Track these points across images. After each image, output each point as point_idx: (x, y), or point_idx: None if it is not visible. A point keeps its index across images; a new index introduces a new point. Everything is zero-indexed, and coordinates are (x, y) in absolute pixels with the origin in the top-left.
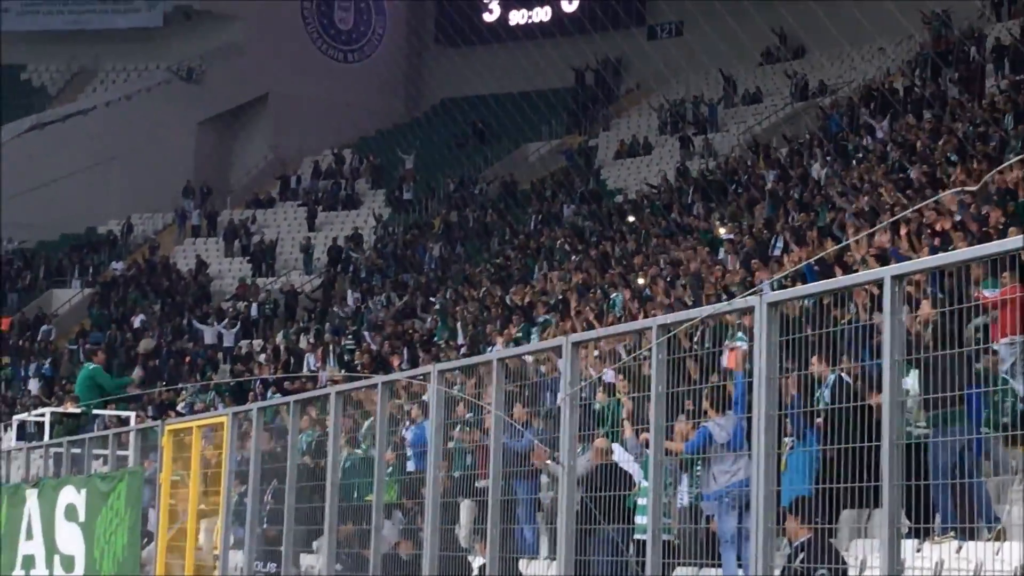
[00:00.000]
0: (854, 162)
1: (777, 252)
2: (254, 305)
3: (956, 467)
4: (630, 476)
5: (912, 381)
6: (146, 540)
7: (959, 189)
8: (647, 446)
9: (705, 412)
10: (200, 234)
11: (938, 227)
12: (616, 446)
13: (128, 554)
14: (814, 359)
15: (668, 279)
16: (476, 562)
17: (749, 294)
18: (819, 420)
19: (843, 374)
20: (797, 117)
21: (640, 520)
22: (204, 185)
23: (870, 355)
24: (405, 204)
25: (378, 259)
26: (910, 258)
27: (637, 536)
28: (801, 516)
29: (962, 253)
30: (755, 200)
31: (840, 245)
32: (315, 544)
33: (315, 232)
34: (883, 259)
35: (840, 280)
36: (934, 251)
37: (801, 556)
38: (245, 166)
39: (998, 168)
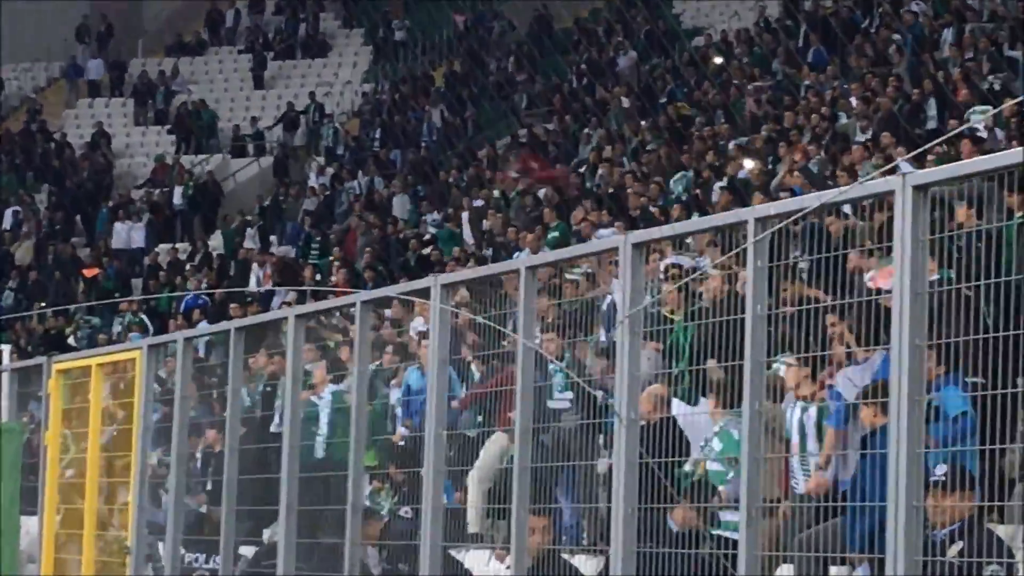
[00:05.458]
0: None
1: (931, 122)
2: (177, 192)
3: None
4: (687, 443)
5: None
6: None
7: None
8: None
9: (848, 347)
10: (100, 93)
11: None
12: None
13: (4, 543)
14: None
15: (769, 159)
16: (492, 568)
17: (884, 171)
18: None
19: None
20: None
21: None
22: (105, 24)
23: None
24: (393, 49)
25: (355, 128)
26: None
27: (722, 533)
28: (947, 490)
29: None
30: (891, 44)
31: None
32: (266, 532)
33: (264, 90)
34: None
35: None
36: None
37: (960, 546)
38: None
39: None
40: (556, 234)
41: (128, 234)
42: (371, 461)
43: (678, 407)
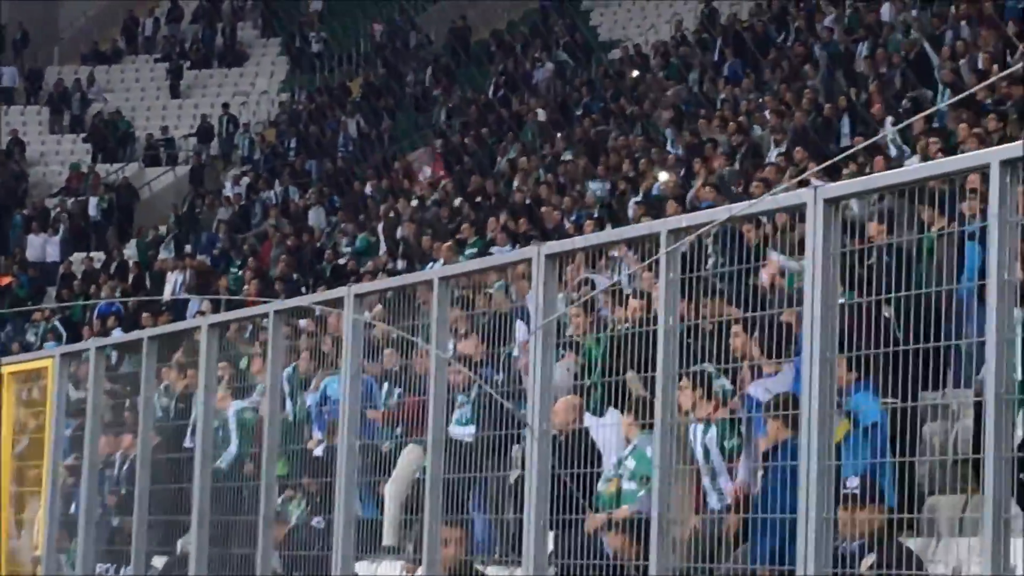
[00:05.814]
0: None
1: (844, 139)
2: (92, 202)
3: None
4: (599, 454)
5: None
6: None
7: None
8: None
9: (757, 364)
10: (15, 101)
11: None
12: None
13: None
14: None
15: (682, 171)
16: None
17: (796, 182)
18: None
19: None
20: None
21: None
22: (21, 31)
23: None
24: (310, 60)
25: (271, 138)
26: None
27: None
28: (861, 503)
29: None
30: (806, 59)
31: (928, 111)
32: (179, 542)
33: (180, 99)
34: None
35: (937, 165)
36: None
37: (871, 559)
38: (80, 4)
39: None
40: (474, 250)
41: (43, 247)
42: (282, 471)
43: (589, 420)
